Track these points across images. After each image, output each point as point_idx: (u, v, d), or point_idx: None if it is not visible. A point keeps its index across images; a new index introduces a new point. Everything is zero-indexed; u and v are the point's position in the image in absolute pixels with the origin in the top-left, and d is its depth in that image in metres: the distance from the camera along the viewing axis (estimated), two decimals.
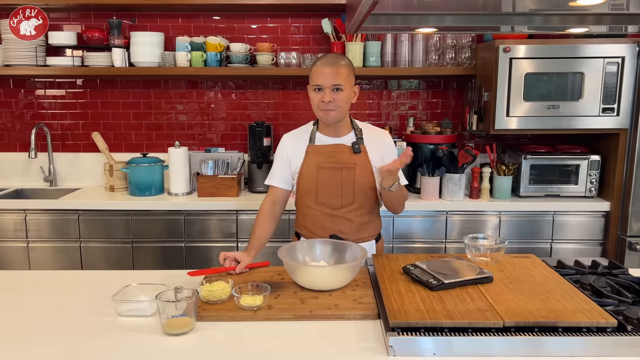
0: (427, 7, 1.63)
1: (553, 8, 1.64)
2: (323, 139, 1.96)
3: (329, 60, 1.86)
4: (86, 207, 2.89)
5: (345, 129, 1.96)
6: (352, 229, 1.95)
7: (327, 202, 1.93)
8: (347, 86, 1.85)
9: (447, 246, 2.92)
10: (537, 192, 2.98)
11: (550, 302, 1.40)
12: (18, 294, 1.66)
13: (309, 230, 1.99)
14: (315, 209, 1.95)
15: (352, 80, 1.89)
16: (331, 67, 1.83)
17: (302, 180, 1.96)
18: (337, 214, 1.94)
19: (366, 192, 1.94)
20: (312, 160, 1.94)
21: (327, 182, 1.92)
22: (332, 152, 1.93)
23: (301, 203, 2.00)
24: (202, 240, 2.92)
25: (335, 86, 1.83)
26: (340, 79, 1.83)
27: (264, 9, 3.16)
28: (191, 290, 1.43)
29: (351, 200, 1.93)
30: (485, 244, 1.80)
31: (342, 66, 1.84)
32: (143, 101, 3.37)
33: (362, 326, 1.42)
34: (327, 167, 1.92)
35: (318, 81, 1.84)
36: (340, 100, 1.84)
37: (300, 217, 2.03)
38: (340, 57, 1.90)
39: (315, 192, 1.94)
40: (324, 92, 1.83)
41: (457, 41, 3.11)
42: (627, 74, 2.76)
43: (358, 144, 1.92)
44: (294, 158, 1.98)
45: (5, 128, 3.40)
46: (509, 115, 2.83)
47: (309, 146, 1.96)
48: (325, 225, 1.95)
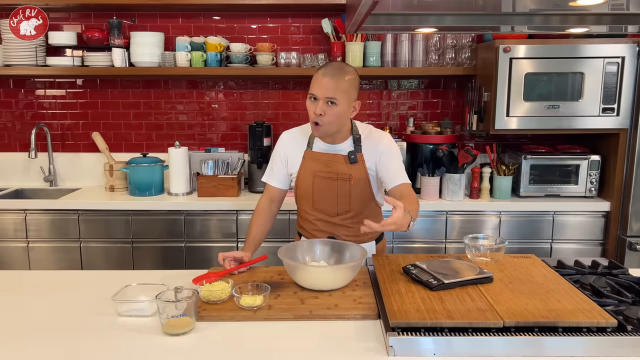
0: (427, 7, 1.63)
1: (553, 8, 1.64)
2: (320, 145, 1.91)
3: (331, 70, 1.76)
4: (86, 207, 2.89)
5: (343, 136, 1.89)
6: (350, 233, 1.95)
7: (324, 209, 1.93)
8: (343, 101, 1.76)
9: (447, 246, 2.92)
10: (537, 192, 2.98)
11: (550, 302, 1.40)
12: (18, 294, 1.66)
13: (308, 232, 2.02)
14: (312, 215, 1.96)
15: (351, 95, 1.79)
16: (331, 78, 1.74)
17: (299, 185, 1.95)
18: (333, 221, 1.94)
19: (363, 200, 1.91)
20: (309, 167, 1.92)
21: (323, 190, 1.90)
22: (328, 162, 1.89)
23: (300, 206, 2.02)
24: (202, 240, 2.92)
25: (330, 99, 1.74)
26: (337, 92, 1.73)
27: (264, 9, 3.16)
28: (191, 290, 1.43)
29: (347, 209, 1.92)
30: (485, 244, 1.80)
31: (342, 79, 1.75)
32: (143, 101, 3.37)
33: (362, 326, 1.42)
34: (322, 177, 1.89)
35: (314, 90, 1.77)
36: (332, 115, 1.75)
37: (300, 219, 2.06)
38: (343, 69, 1.78)
39: (311, 199, 1.94)
40: (318, 103, 1.75)
41: (457, 41, 3.11)
42: (627, 74, 2.76)
43: (355, 154, 1.86)
44: (292, 160, 1.96)
45: (5, 128, 3.40)
46: (509, 115, 2.83)
47: (307, 151, 1.93)
48: (323, 230, 1.96)
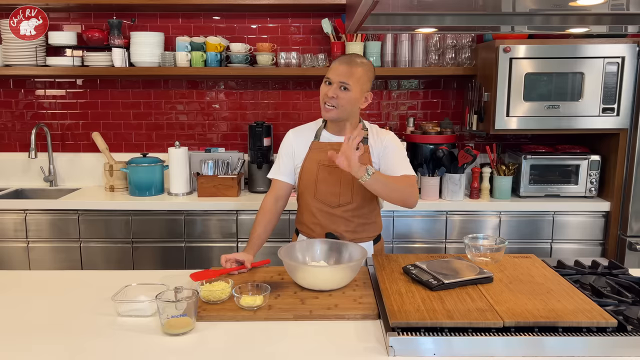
0: (427, 7, 1.63)
1: (553, 8, 1.64)
2: (328, 137, 1.96)
3: (347, 59, 1.87)
4: (86, 207, 2.89)
5: (351, 129, 1.92)
6: (349, 228, 1.95)
7: (325, 199, 1.94)
8: (356, 88, 1.84)
9: (447, 246, 2.92)
10: (537, 192, 2.98)
11: (550, 302, 1.40)
12: (18, 294, 1.66)
13: (306, 226, 2.00)
14: (313, 206, 1.96)
15: (364, 84, 1.87)
16: (346, 65, 1.84)
17: (303, 175, 1.97)
18: (334, 213, 1.94)
19: (365, 192, 1.91)
20: (314, 156, 1.95)
21: (326, 179, 1.93)
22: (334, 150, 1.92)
23: (301, 199, 2.02)
24: (202, 240, 2.92)
25: (343, 84, 1.82)
26: (350, 78, 1.82)
27: (264, 9, 3.16)
28: (191, 290, 1.42)
29: (349, 200, 1.94)
30: (485, 244, 1.80)
31: (357, 67, 1.84)
32: (143, 101, 3.37)
33: (362, 326, 1.42)
34: (327, 165, 1.90)
35: (329, 74, 1.86)
36: (344, 99, 1.83)
37: (299, 214, 2.05)
38: (359, 59, 1.88)
39: (314, 189, 1.95)
40: (332, 86, 1.84)
41: (457, 41, 3.11)
42: (627, 74, 2.76)
43: (360, 143, 1.89)
44: (298, 152, 1.99)
45: (5, 128, 3.40)
46: (509, 115, 2.83)
47: (314, 142, 1.97)
48: (322, 223, 1.95)
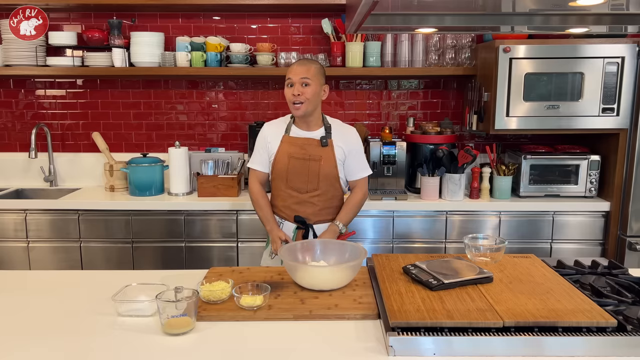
0: (427, 7, 1.63)
1: (553, 8, 1.64)
2: (297, 132, 2.24)
3: (301, 61, 2.19)
4: (86, 207, 2.89)
5: (316, 125, 2.23)
6: (314, 211, 2.22)
7: (295, 187, 2.22)
8: (315, 82, 2.12)
9: (447, 246, 2.92)
10: (537, 192, 2.98)
11: (550, 302, 1.40)
12: (18, 294, 1.66)
13: (278, 209, 2.28)
14: (284, 192, 2.24)
15: (320, 79, 2.16)
16: (302, 65, 2.14)
17: (276, 165, 2.24)
18: (302, 198, 2.22)
19: (329, 180, 2.21)
20: (286, 149, 2.22)
21: (296, 170, 2.20)
22: (303, 144, 2.21)
23: (274, 185, 2.29)
24: (202, 240, 2.92)
25: (304, 80, 2.10)
26: (308, 74, 2.11)
27: (264, 9, 3.16)
28: (191, 290, 1.43)
29: (315, 187, 2.21)
30: (485, 244, 1.80)
31: (311, 65, 2.15)
32: (143, 101, 3.37)
33: (362, 326, 1.42)
34: (297, 158, 2.19)
35: (290, 75, 2.13)
36: (308, 93, 2.11)
37: (273, 198, 2.32)
38: (311, 60, 2.22)
39: (285, 178, 2.22)
40: (295, 86, 2.11)
41: (457, 41, 3.11)
42: (627, 74, 2.76)
43: (326, 139, 2.19)
44: (272, 144, 2.25)
45: (6, 128, 3.40)
46: (508, 115, 2.83)
47: (285, 136, 2.24)
48: (292, 207, 2.23)
